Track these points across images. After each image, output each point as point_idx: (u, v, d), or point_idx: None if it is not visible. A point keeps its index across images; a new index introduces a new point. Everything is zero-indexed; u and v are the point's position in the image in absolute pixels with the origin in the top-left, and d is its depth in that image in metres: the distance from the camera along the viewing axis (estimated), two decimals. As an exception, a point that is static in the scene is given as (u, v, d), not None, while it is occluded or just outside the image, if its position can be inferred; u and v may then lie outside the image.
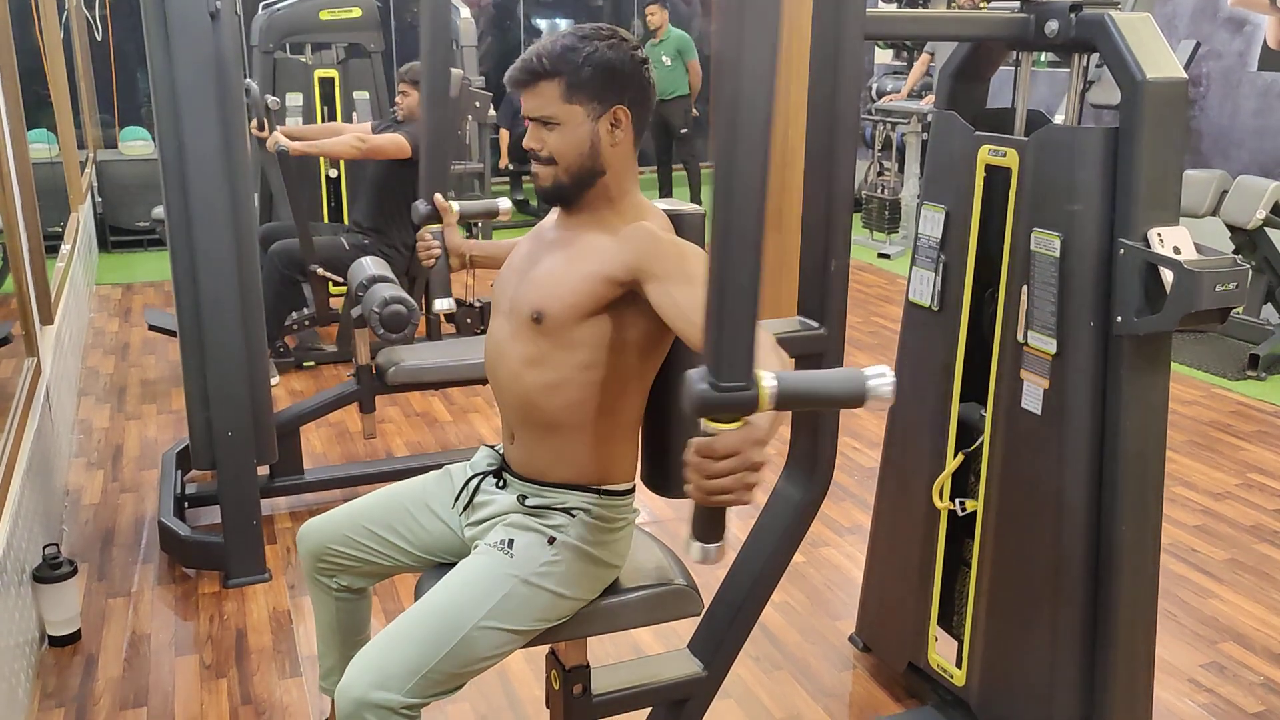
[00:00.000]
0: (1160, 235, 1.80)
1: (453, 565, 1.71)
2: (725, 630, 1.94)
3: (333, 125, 4.83)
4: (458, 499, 1.82)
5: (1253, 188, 4.75)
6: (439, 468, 1.91)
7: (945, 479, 2.17)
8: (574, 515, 1.70)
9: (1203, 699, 2.44)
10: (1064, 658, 1.96)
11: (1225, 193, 4.84)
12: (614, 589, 1.77)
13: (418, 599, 1.69)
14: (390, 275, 3.18)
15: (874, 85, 7.62)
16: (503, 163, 7.76)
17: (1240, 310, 4.91)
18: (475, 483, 1.81)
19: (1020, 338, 1.97)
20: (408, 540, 1.83)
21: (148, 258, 6.83)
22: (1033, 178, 1.92)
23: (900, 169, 7.09)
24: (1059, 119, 2.09)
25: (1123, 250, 1.81)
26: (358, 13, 5.11)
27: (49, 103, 5.08)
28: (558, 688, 1.80)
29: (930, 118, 4.37)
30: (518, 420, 1.74)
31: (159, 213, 3.72)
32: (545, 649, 1.82)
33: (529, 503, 1.73)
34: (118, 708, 2.37)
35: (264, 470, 3.13)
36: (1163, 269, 1.78)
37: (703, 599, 1.83)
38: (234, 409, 2.79)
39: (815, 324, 1.90)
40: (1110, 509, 1.89)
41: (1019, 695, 2.06)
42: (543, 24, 9.61)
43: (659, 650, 2.55)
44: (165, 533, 2.96)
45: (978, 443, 2.11)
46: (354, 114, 5.38)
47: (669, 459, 1.84)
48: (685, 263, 1.55)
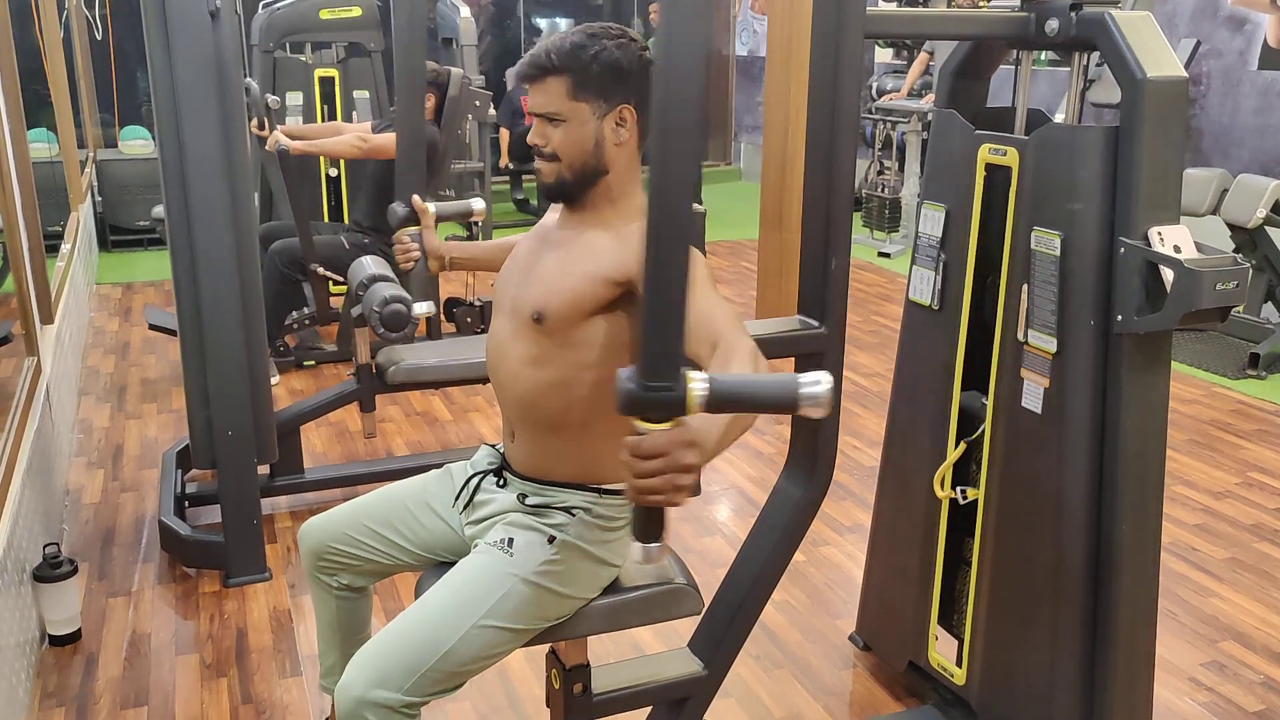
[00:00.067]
0: (1160, 234, 1.80)
1: (453, 564, 1.71)
2: (725, 629, 1.94)
3: (333, 124, 4.82)
4: (458, 498, 1.82)
5: (1253, 186, 4.75)
6: (439, 467, 1.91)
7: (947, 469, 2.17)
8: (574, 514, 1.70)
9: (1203, 698, 2.44)
10: (1064, 656, 1.96)
11: (1225, 191, 4.84)
12: (614, 588, 1.76)
13: (418, 598, 1.69)
14: (390, 274, 3.18)
15: (874, 84, 7.61)
16: (503, 162, 7.76)
17: (1240, 309, 4.90)
18: (476, 481, 1.81)
19: (1020, 336, 1.97)
20: (408, 539, 1.83)
21: (148, 257, 6.83)
22: (1033, 176, 1.92)
23: (900, 168, 7.09)
24: (1059, 118, 2.09)
25: (1123, 249, 1.81)
26: (358, 12, 5.10)
27: (49, 102, 5.08)
28: (558, 687, 1.80)
29: (930, 116, 4.36)
30: (518, 419, 1.74)
31: (159, 212, 3.72)
32: (545, 648, 1.82)
33: (529, 501, 1.73)
34: (118, 707, 2.37)
35: (264, 469, 3.13)
36: (1163, 268, 1.78)
37: (703, 598, 1.83)
38: (234, 408, 2.79)
39: (815, 323, 1.91)
40: (1110, 508, 1.89)
41: (1019, 694, 2.06)
42: (543, 23, 9.61)
43: (659, 649, 2.55)
44: (165, 532, 2.96)
45: (979, 431, 2.11)
46: (354, 113, 5.38)
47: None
48: None
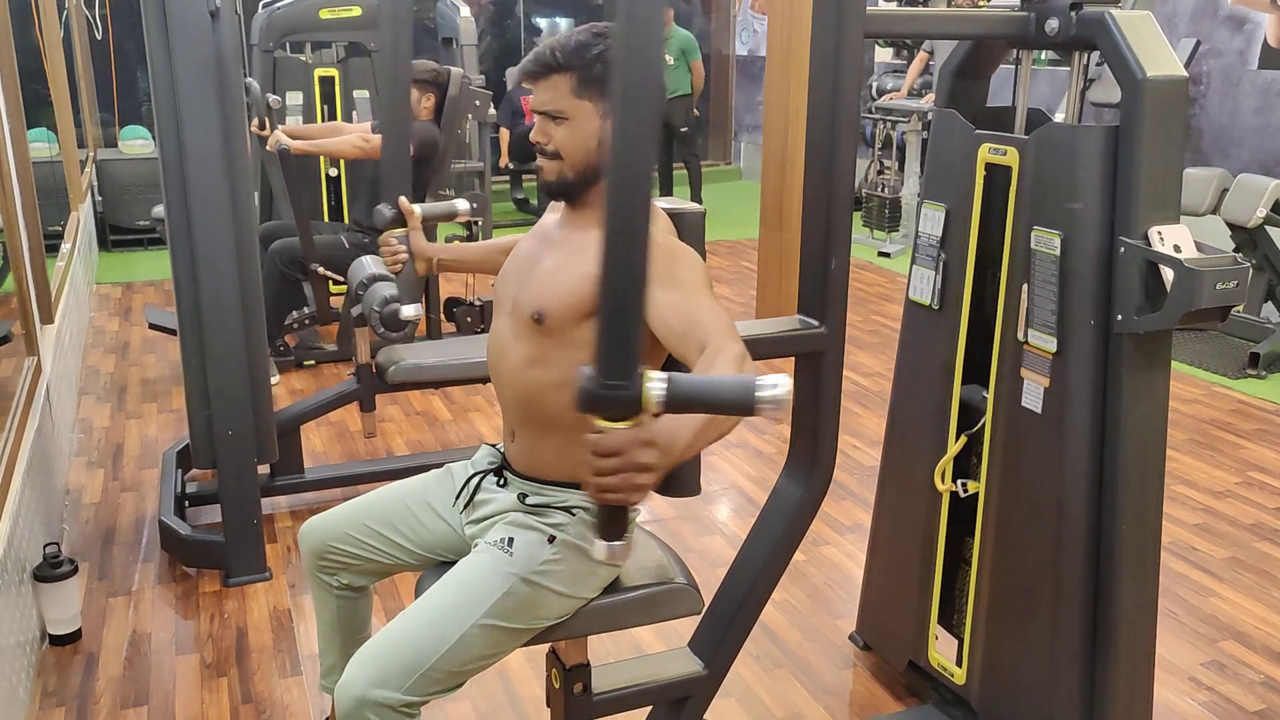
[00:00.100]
0: (1161, 233, 1.80)
1: (453, 563, 1.71)
2: (726, 629, 1.94)
3: (334, 124, 4.83)
4: (458, 497, 1.82)
5: (1253, 186, 4.75)
6: (439, 466, 1.91)
7: (947, 461, 2.16)
8: (574, 514, 1.70)
9: (1203, 697, 2.44)
10: (1064, 656, 1.96)
11: (1225, 191, 4.84)
12: (614, 587, 1.76)
13: (418, 597, 1.69)
14: (390, 274, 3.18)
15: (874, 83, 7.61)
16: (503, 162, 7.75)
17: (1240, 308, 4.90)
18: (476, 481, 1.81)
19: (1021, 336, 1.97)
20: (409, 538, 1.83)
21: (148, 257, 6.83)
22: (1033, 176, 1.92)
23: (900, 167, 7.09)
24: (1059, 117, 2.09)
25: (1123, 249, 1.81)
26: (358, 11, 5.10)
27: (49, 102, 5.08)
28: (558, 686, 1.80)
29: (930, 116, 4.36)
30: (519, 419, 1.74)
31: (159, 212, 3.72)
32: (545, 648, 1.82)
33: (529, 501, 1.73)
34: (118, 707, 2.37)
35: (264, 469, 3.12)
36: (1163, 267, 1.77)
37: (703, 597, 1.83)
38: (234, 408, 2.79)
39: (815, 322, 1.91)
40: (1111, 508, 1.89)
41: (1019, 693, 2.06)
42: (543, 23, 9.61)
43: (659, 649, 2.55)
44: (166, 532, 2.96)
45: (980, 424, 2.11)
46: (354, 113, 5.38)
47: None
48: (673, 267, 1.55)
